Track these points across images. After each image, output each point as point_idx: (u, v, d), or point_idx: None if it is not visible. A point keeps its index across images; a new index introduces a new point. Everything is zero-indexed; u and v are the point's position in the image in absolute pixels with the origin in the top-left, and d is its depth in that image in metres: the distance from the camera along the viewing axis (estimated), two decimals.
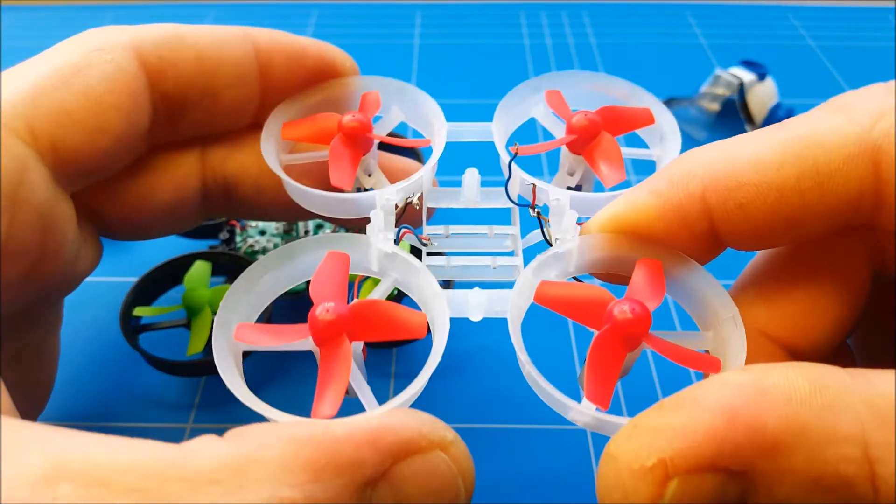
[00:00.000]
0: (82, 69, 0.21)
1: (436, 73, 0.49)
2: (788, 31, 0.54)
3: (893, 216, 0.17)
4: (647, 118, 0.24)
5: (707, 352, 0.20)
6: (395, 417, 0.16)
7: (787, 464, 0.15)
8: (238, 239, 0.33)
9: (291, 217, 0.28)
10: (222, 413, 0.29)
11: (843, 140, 0.17)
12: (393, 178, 0.24)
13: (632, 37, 0.53)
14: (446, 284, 0.29)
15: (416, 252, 0.22)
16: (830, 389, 0.15)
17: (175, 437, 0.28)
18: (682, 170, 0.19)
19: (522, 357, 0.18)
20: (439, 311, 0.19)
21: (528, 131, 0.26)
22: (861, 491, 0.14)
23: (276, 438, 0.15)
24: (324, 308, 0.18)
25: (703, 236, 0.19)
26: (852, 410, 0.15)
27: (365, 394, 0.19)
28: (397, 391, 0.29)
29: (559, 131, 0.25)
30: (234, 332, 0.19)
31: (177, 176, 0.25)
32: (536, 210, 0.22)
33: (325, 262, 0.20)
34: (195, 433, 0.28)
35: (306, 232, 0.34)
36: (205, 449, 0.15)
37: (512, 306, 0.20)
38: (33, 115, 0.19)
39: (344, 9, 0.56)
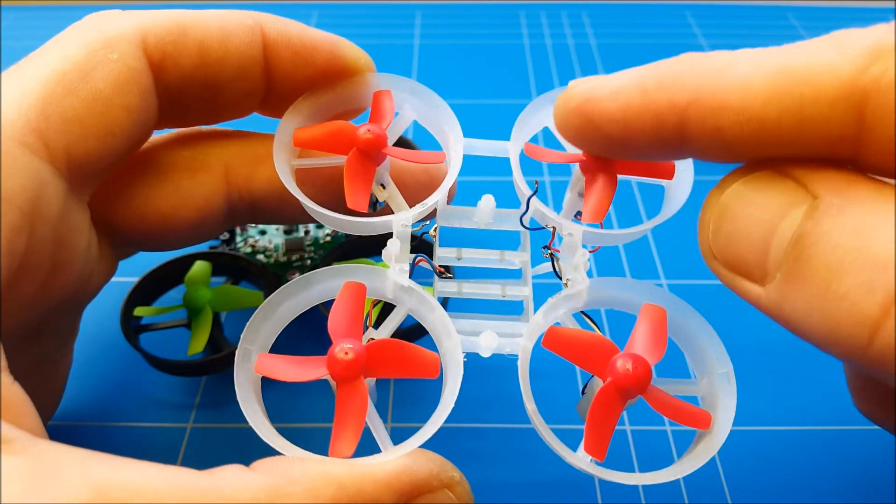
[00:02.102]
0: (89, 72, 0.20)
1: (436, 73, 0.49)
2: (788, 31, 0.54)
3: (871, 161, 0.16)
4: (667, 171, 0.23)
5: (702, 398, 0.21)
6: (410, 459, 0.18)
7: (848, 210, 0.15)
8: (238, 239, 0.33)
9: (314, 220, 0.28)
10: (222, 413, 0.29)
11: (832, 81, 0.16)
12: (403, 182, 0.24)
13: (632, 37, 0.53)
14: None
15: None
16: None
17: (175, 436, 0.28)
18: (673, 76, 0.18)
19: (530, 407, 0.20)
20: (452, 354, 0.20)
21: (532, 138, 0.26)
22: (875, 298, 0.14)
23: (303, 474, 0.16)
24: (342, 349, 0.19)
25: (668, 144, 0.18)
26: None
27: (379, 432, 0.20)
28: (397, 391, 0.29)
29: (570, 145, 0.24)
30: (255, 363, 0.20)
31: (201, 196, 0.24)
32: (549, 251, 0.23)
33: (342, 294, 0.20)
34: (195, 433, 0.28)
35: (307, 232, 0.34)
36: (237, 480, 0.16)
37: (522, 353, 0.20)
38: (45, 128, 0.19)
39: (344, 9, 0.56)
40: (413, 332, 0.29)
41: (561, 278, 0.22)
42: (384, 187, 0.23)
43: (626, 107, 0.18)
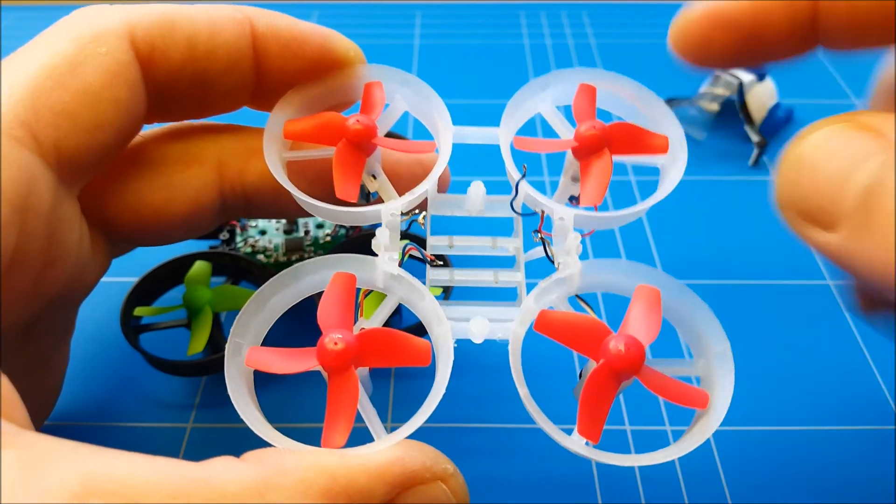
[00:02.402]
0: (78, 66, 0.20)
1: (436, 73, 0.49)
2: None
3: None
4: (660, 146, 0.23)
5: (699, 379, 0.21)
6: (402, 450, 0.17)
7: None
8: (238, 239, 0.33)
9: (308, 214, 0.28)
10: (222, 413, 0.29)
11: None
12: (396, 174, 0.24)
13: (632, 37, 0.53)
14: (446, 290, 0.29)
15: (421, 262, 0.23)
16: None
17: (175, 437, 0.28)
18: None
19: (522, 392, 0.19)
20: (443, 340, 0.20)
21: (527, 127, 0.26)
22: None
23: (295, 465, 0.16)
24: (332, 339, 0.19)
25: (800, 24, 0.19)
26: None
27: (372, 421, 0.20)
28: (397, 391, 0.29)
29: (564, 130, 0.24)
30: (246, 356, 0.20)
31: (193, 189, 0.24)
32: (540, 235, 0.22)
33: (332, 285, 0.20)
34: (195, 433, 0.28)
35: (306, 232, 0.34)
36: (227, 471, 0.16)
37: (513, 338, 0.20)
38: (35, 121, 0.19)
39: (344, 9, 0.56)
40: (418, 329, 0.29)
41: (553, 263, 0.22)
42: (375, 178, 0.23)
43: None
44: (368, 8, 0.56)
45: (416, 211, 0.23)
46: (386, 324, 0.21)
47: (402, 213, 0.22)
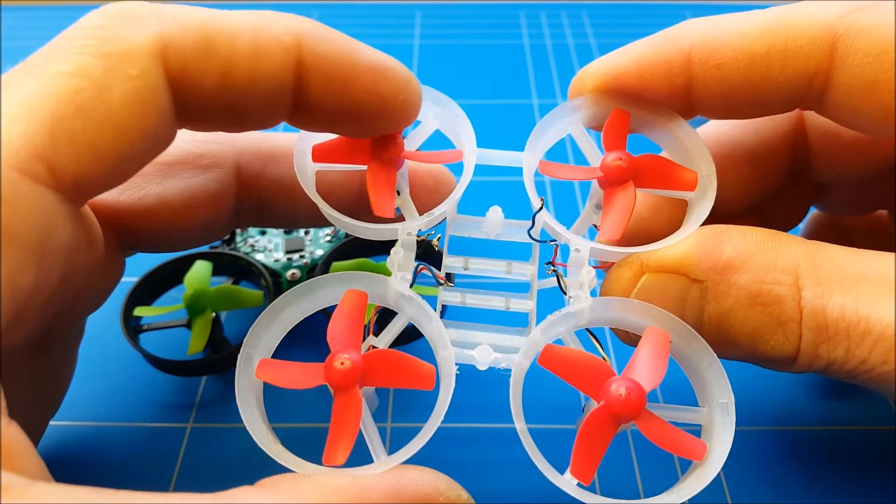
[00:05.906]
0: (105, 90, 0.17)
1: (436, 73, 0.49)
2: None
3: (836, 102, 0.21)
4: (689, 181, 0.22)
5: (703, 426, 0.21)
6: (416, 473, 0.18)
7: (735, 280, 0.19)
8: (239, 239, 0.33)
9: (318, 224, 0.28)
10: (222, 413, 0.29)
11: (812, 24, 0.20)
12: (419, 184, 0.24)
13: (632, 37, 0.52)
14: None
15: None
16: (781, 238, 0.20)
17: (175, 436, 0.28)
18: (678, 29, 0.22)
19: (520, 426, 0.19)
20: (446, 365, 0.20)
21: (557, 146, 0.25)
22: (788, 309, 0.19)
23: (310, 488, 0.17)
24: (339, 359, 0.19)
25: (679, 91, 0.22)
26: (792, 252, 0.19)
27: (373, 440, 0.20)
28: (397, 394, 0.29)
29: (594, 155, 0.23)
30: (256, 368, 0.20)
31: (213, 193, 0.24)
32: (553, 267, 0.22)
33: (343, 303, 0.21)
34: (195, 433, 0.28)
35: (306, 232, 0.34)
36: (246, 499, 0.16)
37: (516, 370, 0.20)
38: (52, 154, 0.17)
39: (344, 9, 0.56)
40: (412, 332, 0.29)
41: (566, 294, 0.22)
42: (399, 193, 0.23)
43: (639, 57, 0.22)
44: (368, 8, 0.56)
45: (433, 232, 0.23)
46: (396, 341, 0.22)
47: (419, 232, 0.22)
